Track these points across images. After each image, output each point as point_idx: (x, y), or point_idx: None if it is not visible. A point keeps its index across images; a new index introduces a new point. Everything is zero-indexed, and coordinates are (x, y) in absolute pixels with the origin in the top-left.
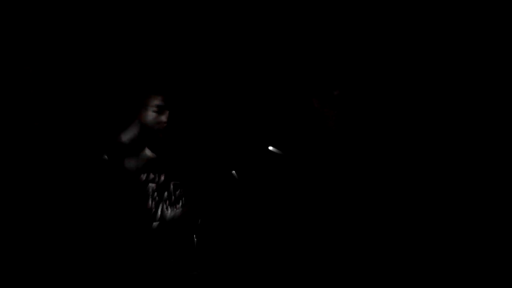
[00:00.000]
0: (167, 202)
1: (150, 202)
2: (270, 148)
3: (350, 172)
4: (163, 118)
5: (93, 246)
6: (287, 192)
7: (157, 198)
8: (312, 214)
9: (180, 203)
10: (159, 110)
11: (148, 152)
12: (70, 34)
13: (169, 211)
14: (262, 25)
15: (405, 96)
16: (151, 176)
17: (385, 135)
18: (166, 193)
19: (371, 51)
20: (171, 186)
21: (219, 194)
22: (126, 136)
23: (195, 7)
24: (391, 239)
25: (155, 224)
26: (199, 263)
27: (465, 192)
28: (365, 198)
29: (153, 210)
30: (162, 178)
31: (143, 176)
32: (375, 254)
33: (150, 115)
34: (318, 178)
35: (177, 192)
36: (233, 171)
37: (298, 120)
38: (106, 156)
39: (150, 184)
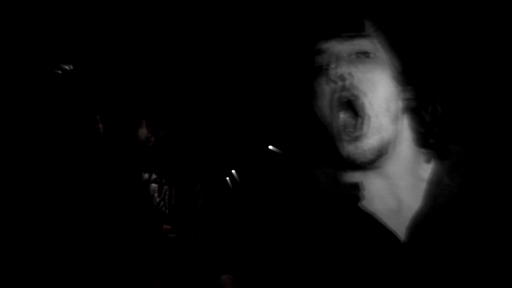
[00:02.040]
0: (168, 202)
1: (151, 202)
2: (270, 147)
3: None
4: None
5: (94, 245)
6: (287, 192)
7: (158, 198)
8: (312, 214)
9: (180, 204)
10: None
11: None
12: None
13: (169, 211)
14: (263, 24)
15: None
16: (153, 176)
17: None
18: (167, 194)
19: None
20: (172, 187)
21: (219, 194)
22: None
23: (200, 7)
24: (394, 239)
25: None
26: (199, 263)
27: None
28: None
29: (154, 210)
30: (164, 179)
31: (146, 176)
32: (377, 255)
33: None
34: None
35: (178, 193)
36: (233, 171)
37: (301, 120)
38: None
39: (152, 185)
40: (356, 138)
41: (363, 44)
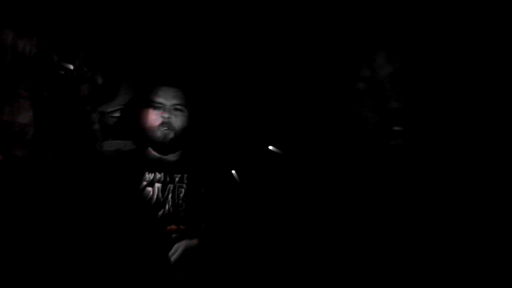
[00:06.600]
0: (172, 202)
1: (155, 201)
2: (270, 147)
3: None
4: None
5: (95, 246)
6: (288, 193)
7: (162, 198)
8: (314, 215)
9: (184, 204)
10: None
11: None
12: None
13: (174, 210)
14: (267, 22)
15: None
16: (157, 176)
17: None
18: (170, 194)
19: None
20: (176, 186)
21: (220, 194)
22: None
23: (197, 7)
24: (394, 241)
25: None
26: (200, 264)
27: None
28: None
29: (158, 209)
30: (168, 178)
31: (150, 176)
32: (377, 256)
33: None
34: (320, 179)
35: (182, 193)
36: (233, 171)
37: (311, 120)
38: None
39: (156, 184)
40: None
41: None
